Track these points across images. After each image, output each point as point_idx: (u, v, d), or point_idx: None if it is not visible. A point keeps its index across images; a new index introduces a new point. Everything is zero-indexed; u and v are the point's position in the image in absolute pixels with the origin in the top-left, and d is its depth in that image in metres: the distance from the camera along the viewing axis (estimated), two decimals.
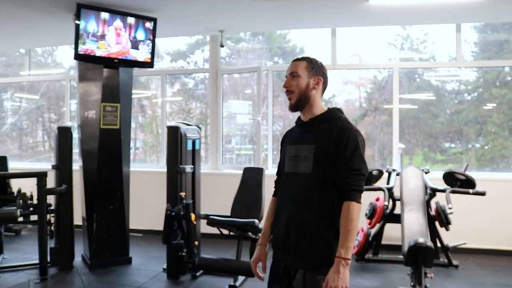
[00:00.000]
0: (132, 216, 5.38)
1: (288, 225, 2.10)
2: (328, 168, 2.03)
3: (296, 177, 2.12)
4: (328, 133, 2.06)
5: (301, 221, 2.05)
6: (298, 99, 2.16)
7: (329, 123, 2.11)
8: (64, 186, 4.84)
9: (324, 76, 2.20)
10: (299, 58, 2.21)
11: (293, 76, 2.16)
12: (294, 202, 2.11)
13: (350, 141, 2.02)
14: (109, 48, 4.89)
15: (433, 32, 6.62)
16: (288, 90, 2.17)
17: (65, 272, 4.84)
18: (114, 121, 5.00)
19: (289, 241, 2.08)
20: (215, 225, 4.63)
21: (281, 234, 2.14)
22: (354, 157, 2.02)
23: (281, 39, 7.55)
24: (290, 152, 2.18)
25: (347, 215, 1.97)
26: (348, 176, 1.99)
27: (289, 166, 2.17)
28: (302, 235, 2.04)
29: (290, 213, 2.11)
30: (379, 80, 7.00)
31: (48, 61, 8.61)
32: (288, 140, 2.27)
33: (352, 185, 1.99)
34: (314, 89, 2.16)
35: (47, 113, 8.53)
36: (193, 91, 7.89)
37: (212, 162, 6.71)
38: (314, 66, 2.18)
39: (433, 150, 6.78)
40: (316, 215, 2.03)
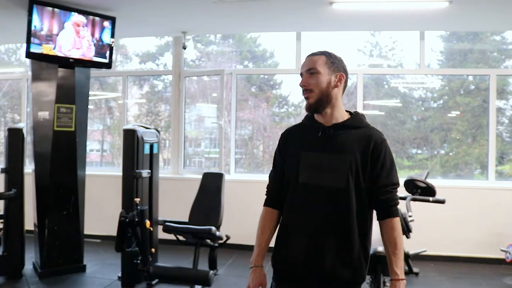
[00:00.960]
0: (90, 221, 5.21)
1: (312, 244, 1.85)
2: (363, 182, 1.85)
3: (320, 190, 1.86)
4: (363, 143, 1.86)
5: (333, 240, 1.83)
6: (319, 99, 1.89)
7: (357, 130, 1.90)
8: (14, 191, 4.62)
9: (346, 72, 1.96)
10: (316, 53, 1.95)
11: (312, 73, 1.90)
12: (319, 218, 1.85)
13: (387, 154, 1.88)
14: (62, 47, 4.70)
15: (401, 39, 6.67)
16: (307, 89, 1.91)
17: (13, 281, 4.62)
18: (69, 123, 4.81)
19: (313, 263, 1.84)
20: (171, 232, 4.48)
21: (299, 255, 1.87)
22: (392, 170, 1.89)
23: (251, 43, 7.49)
24: (309, 160, 1.90)
25: (394, 232, 1.84)
26: (390, 191, 1.87)
27: (309, 176, 1.89)
28: (335, 256, 1.83)
29: (314, 232, 1.85)
30: (348, 86, 6.96)
31: (12, 60, 8.34)
32: (297, 143, 1.97)
33: (394, 200, 1.87)
34: (336, 87, 1.91)
35: (9, 113, 8.25)
36: (162, 93, 7.74)
37: (173, 166, 6.56)
38: (334, 60, 1.93)
39: (400, 156, 6.80)
40: (351, 234, 1.83)
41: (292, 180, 1.93)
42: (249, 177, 6.38)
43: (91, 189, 5.59)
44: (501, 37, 6.50)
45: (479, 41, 6.55)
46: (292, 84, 7.07)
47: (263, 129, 7.15)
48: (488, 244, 5.52)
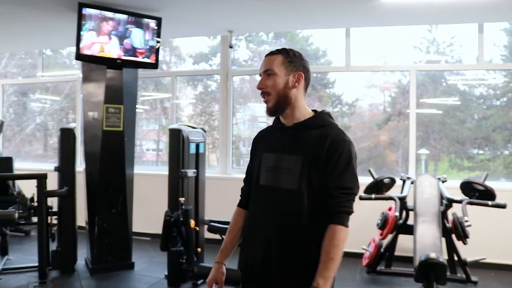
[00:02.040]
0: (140, 220, 5.29)
1: (267, 247, 1.82)
2: (317, 185, 1.76)
3: (276, 192, 1.82)
4: (318, 143, 1.77)
5: (285, 244, 1.78)
6: (277, 102, 1.83)
7: (318, 130, 1.81)
8: (65, 189, 4.77)
9: (305, 70, 1.87)
10: (274, 52, 1.87)
11: (268, 75, 1.83)
12: (274, 221, 1.81)
13: (344, 154, 1.75)
14: (110, 49, 4.79)
15: (460, 34, 6.29)
16: (264, 92, 1.84)
17: (66, 276, 4.77)
18: (117, 123, 4.90)
19: (269, 266, 1.82)
20: (215, 232, 4.47)
21: (256, 257, 1.86)
22: (346, 173, 1.75)
23: (303, 41, 7.36)
24: (267, 161, 1.87)
25: (331, 240, 1.71)
26: (338, 195, 1.74)
27: (267, 178, 1.86)
28: (287, 260, 1.78)
29: (270, 234, 1.82)
30: (404, 84, 6.71)
31: (73, 63, 8.69)
32: (263, 145, 1.95)
33: (342, 207, 1.74)
34: (295, 88, 1.84)
35: (71, 114, 8.60)
36: (215, 93, 7.77)
37: (222, 165, 6.55)
38: (292, 59, 1.84)
39: (460, 156, 6.46)
40: (304, 238, 1.77)
41: (254, 181, 1.93)
42: None
43: (141, 188, 5.68)
44: None
45: None
46: (345, 82, 6.89)
47: None
48: None
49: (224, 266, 2.02)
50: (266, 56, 1.88)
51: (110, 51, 4.80)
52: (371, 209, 5.15)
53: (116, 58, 4.82)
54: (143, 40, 4.97)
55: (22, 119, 8.87)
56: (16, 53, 8.59)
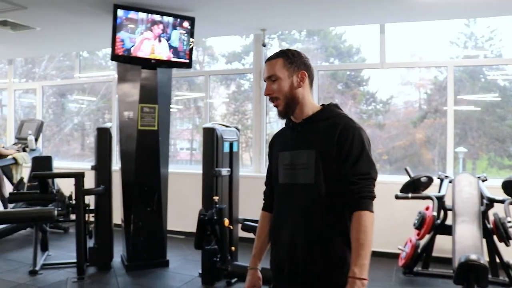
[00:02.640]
0: (175, 218, 5.35)
1: (293, 246, 1.82)
2: (334, 176, 1.76)
3: (295, 188, 1.84)
4: (329, 134, 1.79)
5: (309, 240, 1.78)
6: (286, 104, 1.87)
7: (327, 121, 1.83)
8: (102, 187, 4.87)
9: (307, 67, 1.90)
10: (273, 56, 1.90)
11: (273, 80, 1.86)
12: (296, 219, 1.82)
13: (355, 141, 1.75)
14: (144, 49, 4.86)
15: (501, 28, 6.08)
16: (272, 97, 1.88)
17: (103, 272, 4.87)
18: (152, 122, 4.96)
19: (296, 265, 1.81)
20: (249, 231, 4.48)
21: (284, 257, 1.86)
22: (361, 159, 1.75)
23: (336, 39, 7.29)
24: (283, 159, 1.90)
25: (358, 227, 1.70)
26: (356, 181, 1.73)
27: (285, 176, 1.89)
28: (312, 257, 1.78)
29: (293, 231, 1.82)
30: (440, 81, 6.55)
31: (108, 64, 8.88)
32: (278, 145, 1.99)
33: (362, 192, 1.73)
34: (300, 87, 1.87)
35: (107, 114, 8.79)
36: (248, 92, 7.79)
37: (255, 164, 6.55)
38: (292, 60, 1.87)
39: (500, 154, 6.25)
40: (327, 232, 1.77)
41: (275, 181, 1.96)
42: None
43: (175, 187, 5.73)
44: None
45: None
46: (380, 80, 6.78)
47: None
48: None
49: (259, 270, 2.03)
50: (266, 61, 1.92)
51: (160, 52, 4.92)
52: (408, 208, 5.05)
53: (150, 58, 4.89)
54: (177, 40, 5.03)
55: (61, 120, 9.13)
56: (55, 56, 8.84)
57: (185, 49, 5.08)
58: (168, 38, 4.95)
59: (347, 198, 1.75)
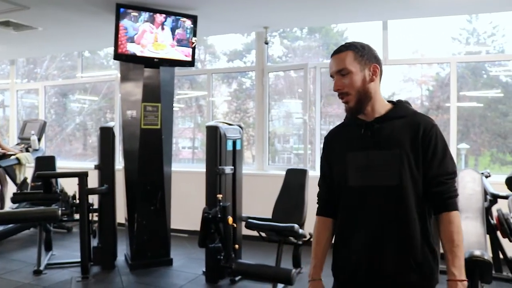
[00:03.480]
0: (178, 216, 5.35)
1: (372, 250, 1.71)
2: (418, 176, 1.69)
3: (373, 190, 1.71)
4: (410, 133, 1.70)
5: (393, 243, 1.68)
6: (358, 100, 1.73)
7: (403, 120, 1.73)
8: (105, 186, 4.87)
9: (378, 60, 1.76)
10: (341, 49, 1.75)
11: (343, 74, 1.72)
12: (376, 221, 1.70)
13: (439, 140, 1.70)
14: (147, 48, 4.86)
15: (503, 24, 6.06)
16: (342, 92, 1.74)
17: (107, 272, 4.87)
18: (155, 121, 4.97)
19: (375, 269, 1.70)
20: (254, 229, 4.47)
21: (359, 263, 1.73)
22: (446, 158, 1.70)
23: (338, 36, 7.29)
24: (355, 160, 1.75)
25: (453, 228, 1.65)
26: (444, 181, 1.68)
27: (359, 178, 1.75)
28: (397, 260, 1.68)
29: (374, 236, 1.71)
30: (442, 77, 6.56)
31: (110, 63, 8.89)
32: (342, 145, 1.83)
33: (451, 192, 1.69)
34: (373, 81, 1.74)
35: (109, 113, 8.80)
36: (250, 90, 7.80)
37: (258, 162, 6.55)
38: (363, 52, 1.73)
39: (502, 150, 6.25)
40: (412, 233, 1.68)
41: (342, 184, 1.80)
42: None
43: (178, 185, 5.74)
44: None
45: None
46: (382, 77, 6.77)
47: None
48: None
49: (322, 281, 1.91)
50: (334, 55, 1.77)
51: (163, 40, 4.92)
52: None
53: (153, 57, 4.89)
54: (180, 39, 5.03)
55: (63, 120, 9.14)
56: (56, 56, 8.85)
57: (188, 37, 5.06)
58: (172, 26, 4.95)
59: (433, 198, 1.70)
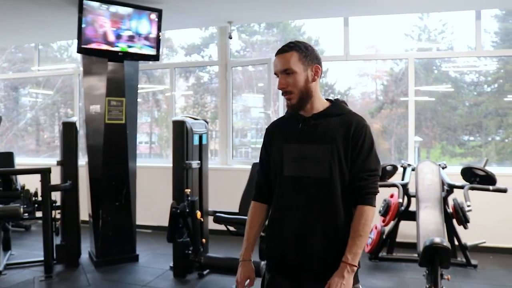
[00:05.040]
0: (141, 212, 5.30)
1: (301, 235, 1.84)
2: (346, 171, 1.83)
3: (306, 181, 1.84)
4: (343, 130, 1.83)
5: (320, 230, 1.82)
6: (300, 98, 1.85)
7: (338, 118, 1.86)
8: (69, 182, 4.76)
9: (319, 60, 1.88)
10: (285, 49, 1.84)
11: (288, 74, 1.83)
12: (307, 211, 1.83)
13: (367, 139, 1.83)
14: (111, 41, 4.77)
15: (452, 22, 6.38)
16: (286, 91, 1.85)
17: (71, 270, 4.76)
18: (119, 116, 4.89)
19: (302, 254, 1.84)
20: (222, 222, 4.50)
21: (290, 248, 1.86)
22: (370, 156, 1.83)
23: (296, 31, 7.39)
24: (291, 152, 1.87)
25: (360, 219, 1.80)
26: (365, 177, 1.81)
27: (293, 168, 1.87)
28: (324, 246, 1.82)
29: (303, 223, 1.84)
30: (396, 72, 6.81)
31: (64, 57, 8.60)
32: (282, 136, 1.95)
33: (370, 188, 1.82)
34: (314, 81, 1.86)
35: (63, 108, 8.53)
36: (208, 85, 7.78)
37: (221, 156, 6.58)
38: (306, 53, 1.84)
39: (451, 143, 6.58)
40: (342, 223, 1.83)
41: (278, 173, 1.92)
42: None
43: (141, 181, 5.67)
44: None
45: None
46: (338, 72, 6.95)
47: None
48: None
49: (252, 262, 2.04)
50: (278, 54, 1.86)
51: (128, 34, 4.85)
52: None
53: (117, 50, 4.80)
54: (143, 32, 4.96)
55: (13, 114, 8.75)
56: (6, 48, 8.45)
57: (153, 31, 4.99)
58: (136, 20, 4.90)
59: (354, 192, 1.83)
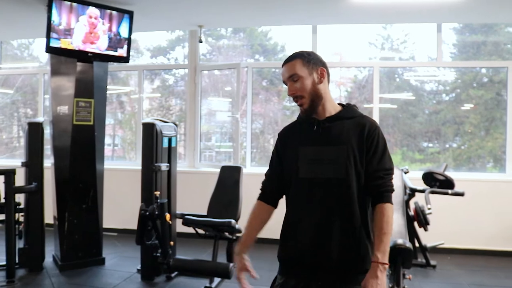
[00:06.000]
0: (107, 215, 5.24)
1: (318, 236, 1.88)
2: (361, 171, 1.89)
3: (321, 182, 1.90)
4: (356, 132, 1.91)
5: (337, 230, 1.87)
6: (311, 101, 1.93)
7: (352, 120, 1.94)
8: (34, 184, 4.65)
9: (324, 64, 1.98)
10: (289, 59, 1.96)
11: (295, 80, 1.92)
12: (322, 210, 1.89)
13: (380, 140, 1.91)
14: (81, 42, 4.72)
15: (413, 32, 6.63)
16: (296, 96, 1.94)
17: (34, 274, 4.65)
18: (87, 117, 4.83)
19: (319, 254, 1.88)
20: (190, 225, 4.52)
21: (305, 247, 1.90)
22: (385, 156, 1.91)
23: (262, 36, 7.48)
24: (306, 154, 1.93)
25: (383, 218, 1.84)
26: (381, 176, 1.88)
27: (309, 170, 1.92)
28: (340, 246, 1.86)
29: (318, 223, 1.89)
30: (359, 79, 6.99)
31: (24, 55, 8.36)
32: (295, 140, 2.00)
33: (387, 186, 1.89)
34: (321, 83, 1.94)
35: (22, 108, 8.29)
36: (173, 87, 7.76)
37: (189, 160, 6.58)
38: (309, 58, 1.94)
39: (412, 149, 6.80)
40: (358, 223, 1.88)
41: (293, 176, 1.96)
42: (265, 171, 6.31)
43: (107, 183, 5.61)
44: None
45: (493, 33, 6.52)
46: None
47: (274, 123, 7.15)
48: (506, 236, 5.55)
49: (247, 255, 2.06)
50: (285, 64, 1.97)
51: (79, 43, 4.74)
52: None
53: (87, 51, 4.75)
54: (114, 34, 4.92)
55: None
56: None
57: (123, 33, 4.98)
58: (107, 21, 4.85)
59: (371, 191, 1.89)
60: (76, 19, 4.66)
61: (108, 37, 4.88)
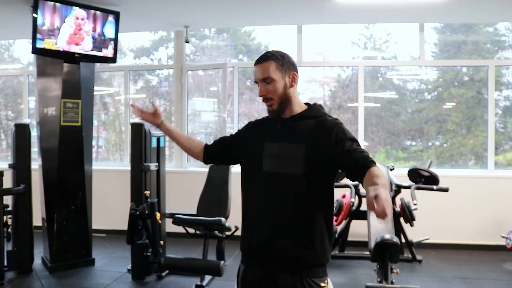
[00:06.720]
0: (95, 216, 5.22)
1: (274, 228, 1.94)
2: (321, 169, 1.92)
3: (282, 177, 1.94)
4: (318, 132, 1.94)
5: (294, 224, 1.92)
6: (280, 104, 1.97)
7: (315, 120, 1.97)
8: (22, 186, 4.62)
9: (295, 67, 2.01)
10: (263, 59, 1.97)
11: (267, 82, 1.95)
12: (281, 206, 1.94)
13: (345, 131, 1.92)
14: (67, 43, 4.70)
15: (396, 32, 6.74)
16: (267, 98, 1.97)
17: (24, 276, 4.62)
18: (75, 118, 4.82)
19: (275, 246, 1.93)
20: (181, 224, 4.53)
21: (262, 238, 1.96)
22: (355, 142, 1.90)
23: (246, 36, 7.52)
24: (270, 150, 1.98)
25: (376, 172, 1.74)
26: (359, 151, 1.85)
27: (271, 165, 1.97)
28: (296, 238, 1.91)
29: (276, 216, 1.94)
30: (343, 79, 7.08)
31: (4, 56, 8.26)
32: (261, 134, 2.05)
33: (367, 157, 1.84)
34: (292, 87, 1.99)
35: (3, 110, 8.19)
36: (157, 88, 7.75)
37: (177, 160, 6.60)
38: (283, 62, 1.97)
39: (395, 147, 6.90)
40: (311, 217, 1.91)
41: (255, 168, 2.01)
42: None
43: (95, 184, 5.60)
44: (494, 29, 6.64)
45: (473, 33, 6.68)
46: None
47: None
48: (488, 231, 5.68)
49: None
50: (258, 64, 1.99)
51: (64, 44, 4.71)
52: None
53: (72, 51, 4.73)
54: (99, 34, 4.92)
55: None
56: None
57: (110, 33, 4.96)
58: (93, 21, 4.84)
59: (353, 168, 1.85)
60: (60, 20, 4.63)
61: (92, 38, 4.86)
